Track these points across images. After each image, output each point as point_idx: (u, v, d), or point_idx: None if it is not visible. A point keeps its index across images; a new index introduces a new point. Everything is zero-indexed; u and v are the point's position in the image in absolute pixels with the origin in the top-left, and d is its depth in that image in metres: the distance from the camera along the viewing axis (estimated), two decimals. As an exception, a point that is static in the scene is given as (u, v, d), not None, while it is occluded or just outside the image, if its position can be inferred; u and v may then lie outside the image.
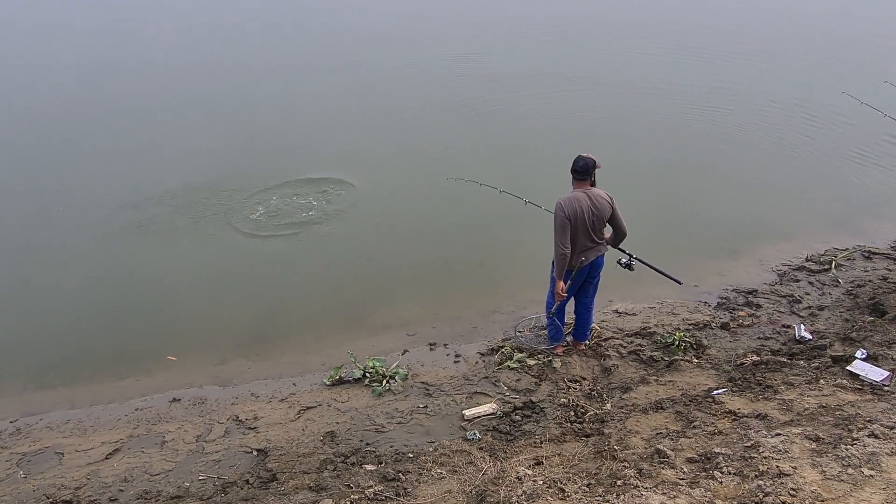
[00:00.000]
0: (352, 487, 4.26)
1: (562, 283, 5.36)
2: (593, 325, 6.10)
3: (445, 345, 6.25)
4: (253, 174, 9.52)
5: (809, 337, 5.94)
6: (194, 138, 10.90)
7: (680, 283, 5.80)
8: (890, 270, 7.09)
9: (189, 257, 7.64)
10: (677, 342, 5.87)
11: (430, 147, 10.45)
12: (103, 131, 11.42)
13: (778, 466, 3.55)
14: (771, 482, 3.43)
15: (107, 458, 4.90)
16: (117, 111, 12.38)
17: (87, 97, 13.21)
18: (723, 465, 3.70)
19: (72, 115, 12.29)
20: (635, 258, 5.52)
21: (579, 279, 5.47)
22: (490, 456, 4.52)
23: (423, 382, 5.63)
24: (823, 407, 4.42)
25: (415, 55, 15.50)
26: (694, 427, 4.44)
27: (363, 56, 15.49)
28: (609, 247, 5.48)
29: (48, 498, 4.50)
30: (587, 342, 5.99)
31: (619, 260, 5.49)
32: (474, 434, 4.90)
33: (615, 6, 20.95)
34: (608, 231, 5.44)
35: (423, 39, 17.15)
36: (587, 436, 4.64)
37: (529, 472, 4.07)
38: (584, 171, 5.15)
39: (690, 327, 6.25)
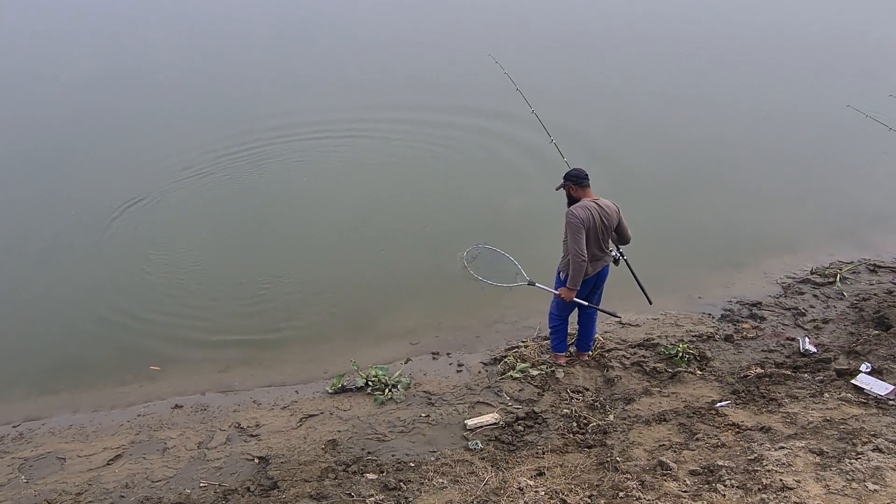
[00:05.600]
0: (353, 496, 4.25)
1: (573, 293, 5.30)
2: (596, 335, 6.08)
3: (448, 354, 6.25)
4: (254, 181, 9.59)
5: (814, 350, 5.91)
6: (193, 141, 10.96)
7: (651, 303, 5.73)
8: (895, 284, 7.06)
9: (192, 264, 7.66)
10: (681, 354, 5.85)
11: (432, 153, 10.49)
12: (108, 136, 11.44)
13: (781, 480, 3.53)
14: (774, 496, 3.41)
15: (108, 464, 4.90)
16: (121, 116, 12.43)
17: (88, 102, 13.28)
18: (726, 477, 3.68)
19: (74, 119, 12.34)
20: (625, 259, 5.52)
21: (584, 290, 5.46)
22: (492, 466, 4.50)
23: (425, 391, 5.63)
24: (828, 420, 4.39)
25: (413, 63, 15.60)
26: (697, 439, 4.42)
27: (357, 63, 15.61)
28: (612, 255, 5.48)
29: (49, 503, 4.50)
30: (590, 353, 5.97)
31: (611, 251, 5.47)
32: (476, 444, 4.89)
33: (619, 13, 21.04)
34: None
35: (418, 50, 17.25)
36: (590, 447, 4.62)
37: (531, 482, 4.05)
38: (586, 178, 5.18)
39: (694, 339, 6.23)
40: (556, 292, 5.44)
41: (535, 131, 10.21)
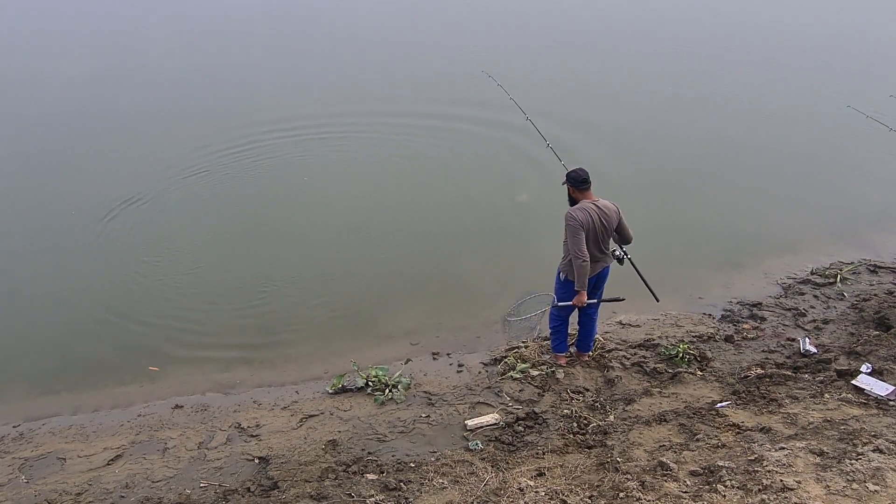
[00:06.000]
0: (353, 496, 4.25)
1: (584, 294, 5.29)
2: (597, 336, 6.08)
3: (448, 354, 6.24)
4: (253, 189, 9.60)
5: (814, 350, 5.91)
6: (192, 140, 10.92)
7: (658, 300, 5.66)
8: (895, 284, 7.06)
9: (192, 263, 7.65)
10: (681, 354, 5.85)
11: (434, 155, 10.49)
12: (108, 135, 11.40)
13: (782, 480, 3.53)
14: (775, 496, 3.41)
15: (108, 464, 4.90)
16: (120, 115, 12.40)
17: (87, 102, 13.25)
18: (726, 478, 3.68)
19: (72, 119, 12.32)
20: (629, 258, 5.49)
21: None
22: (492, 466, 4.50)
23: (425, 392, 5.63)
24: (828, 421, 4.39)
25: (414, 62, 15.59)
26: (697, 440, 4.42)
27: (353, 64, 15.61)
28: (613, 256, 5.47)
29: (49, 503, 4.50)
30: (591, 353, 5.97)
31: (614, 251, 5.46)
32: (476, 444, 4.88)
33: (619, 13, 21.04)
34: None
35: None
36: (590, 447, 4.62)
37: (531, 483, 4.06)
38: (587, 181, 5.15)
39: (694, 339, 6.23)
40: (572, 303, 5.38)
41: (542, 128, 10.20)
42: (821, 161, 10.54)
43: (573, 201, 5.25)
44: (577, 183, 5.16)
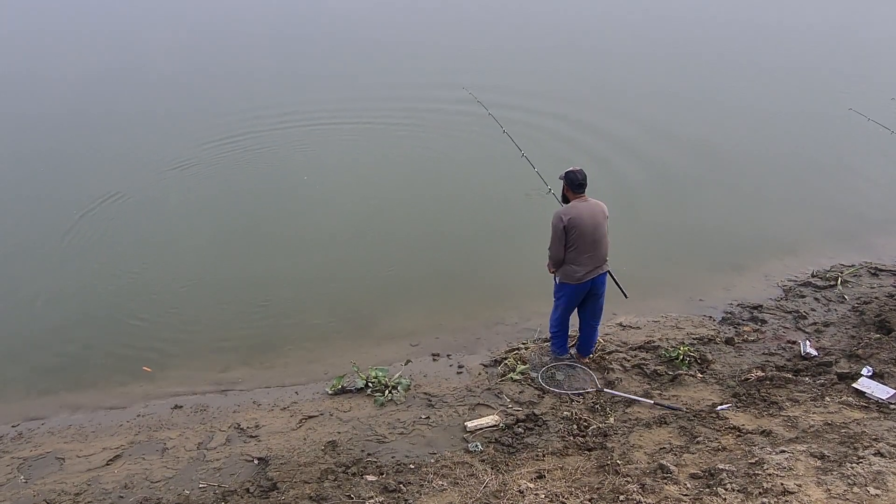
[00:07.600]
0: (353, 498, 4.24)
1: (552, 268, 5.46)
2: (598, 338, 6.07)
3: (448, 356, 6.23)
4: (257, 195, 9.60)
5: (815, 353, 5.90)
6: (192, 139, 10.94)
7: (626, 296, 5.74)
8: (896, 287, 7.07)
9: (193, 264, 7.65)
10: (681, 356, 5.84)
11: (434, 154, 10.49)
12: (107, 135, 11.43)
13: (782, 484, 3.52)
14: (775, 500, 3.40)
15: (107, 465, 4.89)
16: (119, 115, 12.40)
17: (86, 102, 13.25)
18: (726, 481, 3.67)
19: (71, 119, 12.31)
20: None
21: (578, 295, 5.45)
22: (492, 468, 4.49)
23: (425, 393, 5.62)
24: (829, 424, 4.39)
25: (414, 61, 15.60)
26: (698, 442, 4.42)
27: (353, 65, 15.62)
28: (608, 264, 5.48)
29: (48, 503, 4.49)
30: (591, 355, 5.96)
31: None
32: (476, 446, 4.88)
33: (619, 13, 21.06)
34: None
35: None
36: (590, 450, 4.61)
37: (531, 485, 4.05)
38: (583, 185, 5.22)
39: (695, 342, 6.22)
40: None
41: (541, 131, 10.25)
42: (822, 163, 10.54)
43: (566, 199, 5.30)
44: (574, 185, 5.21)
